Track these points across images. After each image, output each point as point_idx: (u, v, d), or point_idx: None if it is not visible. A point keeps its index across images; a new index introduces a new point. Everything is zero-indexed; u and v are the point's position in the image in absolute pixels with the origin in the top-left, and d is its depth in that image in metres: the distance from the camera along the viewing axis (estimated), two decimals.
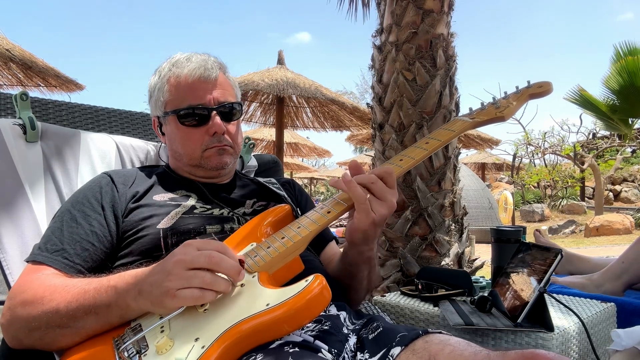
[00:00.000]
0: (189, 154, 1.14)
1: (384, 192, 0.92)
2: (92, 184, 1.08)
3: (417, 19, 2.45)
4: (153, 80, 1.17)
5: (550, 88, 1.16)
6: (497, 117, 1.11)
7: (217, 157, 1.13)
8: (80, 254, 0.95)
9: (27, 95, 1.30)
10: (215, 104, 1.12)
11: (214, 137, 1.12)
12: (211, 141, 1.12)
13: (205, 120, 1.11)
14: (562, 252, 1.19)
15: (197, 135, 1.12)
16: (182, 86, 1.12)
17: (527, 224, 10.94)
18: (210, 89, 1.12)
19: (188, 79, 1.11)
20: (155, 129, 1.22)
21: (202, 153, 1.13)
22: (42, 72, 6.02)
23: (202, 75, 1.11)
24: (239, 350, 0.74)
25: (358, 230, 0.94)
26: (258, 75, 6.41)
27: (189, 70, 1.11)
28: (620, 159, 14.00)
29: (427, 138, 1.08)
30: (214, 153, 1.13)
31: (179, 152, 1.16)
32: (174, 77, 1.12)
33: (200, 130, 1.12)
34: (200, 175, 1.18)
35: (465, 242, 2.53)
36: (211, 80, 1.12)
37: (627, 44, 8.30)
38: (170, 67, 1.14)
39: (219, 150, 1.13)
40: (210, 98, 1.12)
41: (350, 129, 8.18)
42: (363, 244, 0.98)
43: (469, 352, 0.77)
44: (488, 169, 18.51)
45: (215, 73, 1.13)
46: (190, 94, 1.11)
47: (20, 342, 0.85)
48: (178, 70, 1.12)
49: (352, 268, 1.06)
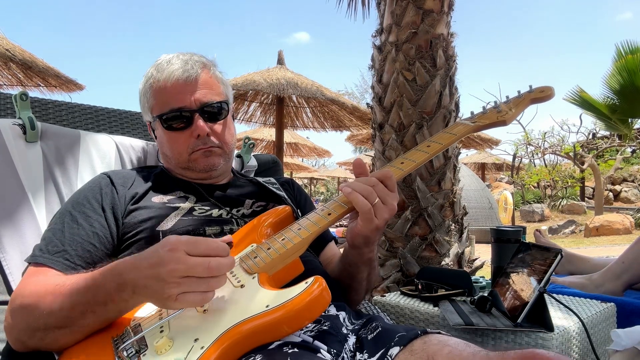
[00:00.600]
0: (176, 158, 1.15)
1: (386, 196, 0.92)
2: (92, 185, 1.08)
3: (417, 19, 2.45)
4: (140, 85, 1.18)
5: (552, 93, 1.16)
6: (498, 121, 1.11)
7: (204, 159, 1.13)
8: (82, 255, 0.95)
9: (27, 95, 1.30)
10: (197, 106, 1.10)
11: (198, 140, 1.11)
12: (196, 144, 1.11)
13: (189, 122, 1.11)
14: (562, 252, 1.19)
15: (182, 139, 1.12)
16: (163, 90, 1.11)
17: (527, 224, 10.94)
18: (191, 90, 1.10)
19: (167, 83, 1.10)
20: (151, 133, 1.23)
21: (189, 156, 1.13)
22: (42, 72, 6.02)
23: (181, 77, 1.09)
24: (238, 351, 0.74)
25: (360, 235, 0.95)
26: (258, 75, 6.40)
27: (168, 73, 1.10)
28: (620, 159, 13.99)
29: (429, 141, 1.08)
30: (200, 155, 1.13)
31: (168, 155, 1.18)
32: (155, 81, 1.12)
33: (185, 133, 1.11)
34: (193, 177, 1.18)
35: (465, 242, 2.53)
36: (191, 81, 1.10)
37: (628, 43, 8.30)
38: (153, 71, 1.14)
39: (205, 152, 1.13)
40: (192, 100, 1.10)
41: (350, 129, 8.18)
42: (364, 247, 0.99)
43: (468, 352, 0.77)
44: (488, 169, 18.51)
45: (195, 73, 1.11)
46: (171, 97, 1.10)
47: (23, 344, 0.85)
48: (159, 74, 1.11)
49: (352, 269, 1.07)
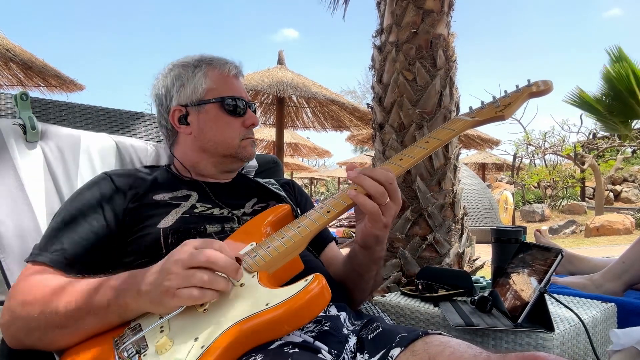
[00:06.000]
0: (227, 142, 1.17)
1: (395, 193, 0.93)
2: (92, 184, 1.08)
3: (417, 19, 2.45)
4: (178, 71, 1.18)
5: (550, 87, 1.16)
6: (497, 116, 1.11)
7: (250, 148, 1.20)
8: (80, 254, 0.95)
9: (27, 95, 1.29)
10: (248, 100, 1.21)
11: (248, 130, 1.19)
12: (247, 132, 1.19)
13: (243, 112, 1.19)
14: (562, 252, 1.19)
15: (237, 125, 1.18)
16: (224, 78, 1.19)
17: (528, 224, 10.94)
18: (242, 87, 1.22)
19: (229, 73, 1.19)
20: (174, 121, 1.18)
21: (240, 142, 1.18)
22: (42, 72, 6.01)
23: (236, 72, 1.21)
24: (239, 350, 0.74)
25: (371, 235, 0.97)
26: (258, 75, 6.40)
27: (228, 66, 1.20)
28: (621, 159, 14.00)
29: (427, 137, 1.07)
30: (249, 144, 1.19)
31: (215, 140, 1.16)
32: (215, 69, 1.18)
33: (239, 120, 1.18)
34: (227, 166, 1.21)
35: (466, 242, 2.53)
36: (242, 80, 1.25)
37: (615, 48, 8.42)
38: (207, 60, 1.19)
39: (252, 142, 1.20)
40: (244, 94, 1.21)
41: (350, 129, 8.18)
42: (376, 245, 1.01)
43: (469, 354, 0.76)
44: (488, 169, 18.50)
45: (242, 74, 1.25)
46: (231, 87, 1.19)
47: (20, 342, 0.85)
48: (218, 63, 1.19)
49: (361, 269, 1.07)
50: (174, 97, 1.18)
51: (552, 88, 1.16)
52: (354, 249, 1.05)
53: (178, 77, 1.18)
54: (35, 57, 5.82)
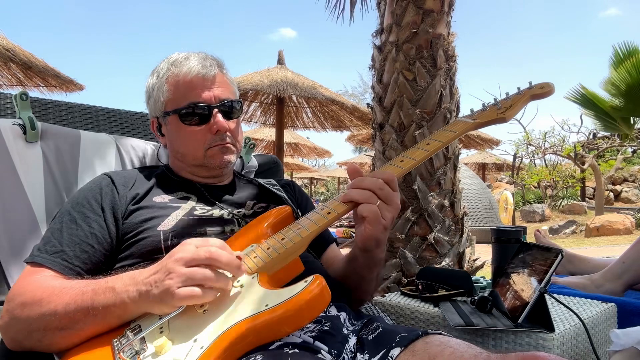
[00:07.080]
0: (192, 154, 1.13)
1: (391, 197, 0.94)
2: (92, 185, 1.07)
3: (417, 18, 2.45)
4: (151, 81, 1.17)
5: (552, 89, 1.16)
6: (498, 118, 1.11)
7: (220, 155, 1.12)
8: (80, 256, 0.94)
9: (27, 95, 1.29)
10: (217, 102, 1.11)
11: (216, 136, 1.11)
12: (214, 139, 1.11)
13: (207, 118, 1.10)
14: (562, 253, 1.19)
15: (199, 134, 1.11)
16: (182, 85, 1.10)
17: (528, 224, 10.94)
18: (209, 86, 1.11)
19: (187, 77, 1.10)
20: (154, 131, 1.21)
21: (205, 152, 1.12)
22: (42, 72, 6.01)
23: (200, 72, 1.10)
24: (238, 350, 0.74)
25: (371, 238, 0.96)
26: (258, 75, 6.41)
27: (188, 68, 1.10)
28: (621, 159, 14.00)
29: (428, 139, 1.07)
30: (217, 152, 1.12)
31: (181, 152, 1.15)
32: (172, 76, 1.11)
33: (203, 128, 1.10)
34: (203, 175, 1.17)
35: (466, 242, 2.53)
36: (210, 78, 1.11)
37: (626, 45, 8.34)
38: (168, 66, 1.12)
39: (222, 149, 1.12)
40: (211, 96, 1.10)
41: (350, 129, 8.19)
42: (376, 248, 1.00)
43: (469, 354, 0.76)
44: (488, 169, 18.51)
45: (214, 71, 1.12)
46: (190, 92, 1.10)
47: (19, 344, 0.85)
48: (177, 69, 1.11)
49: (362, 271, 1.06)
50: (149, 108, 1.20)
51: (554, 90, 1.16)
52: (354, 251, 1.05)
53: (147, 89, 1.18)
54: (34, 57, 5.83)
